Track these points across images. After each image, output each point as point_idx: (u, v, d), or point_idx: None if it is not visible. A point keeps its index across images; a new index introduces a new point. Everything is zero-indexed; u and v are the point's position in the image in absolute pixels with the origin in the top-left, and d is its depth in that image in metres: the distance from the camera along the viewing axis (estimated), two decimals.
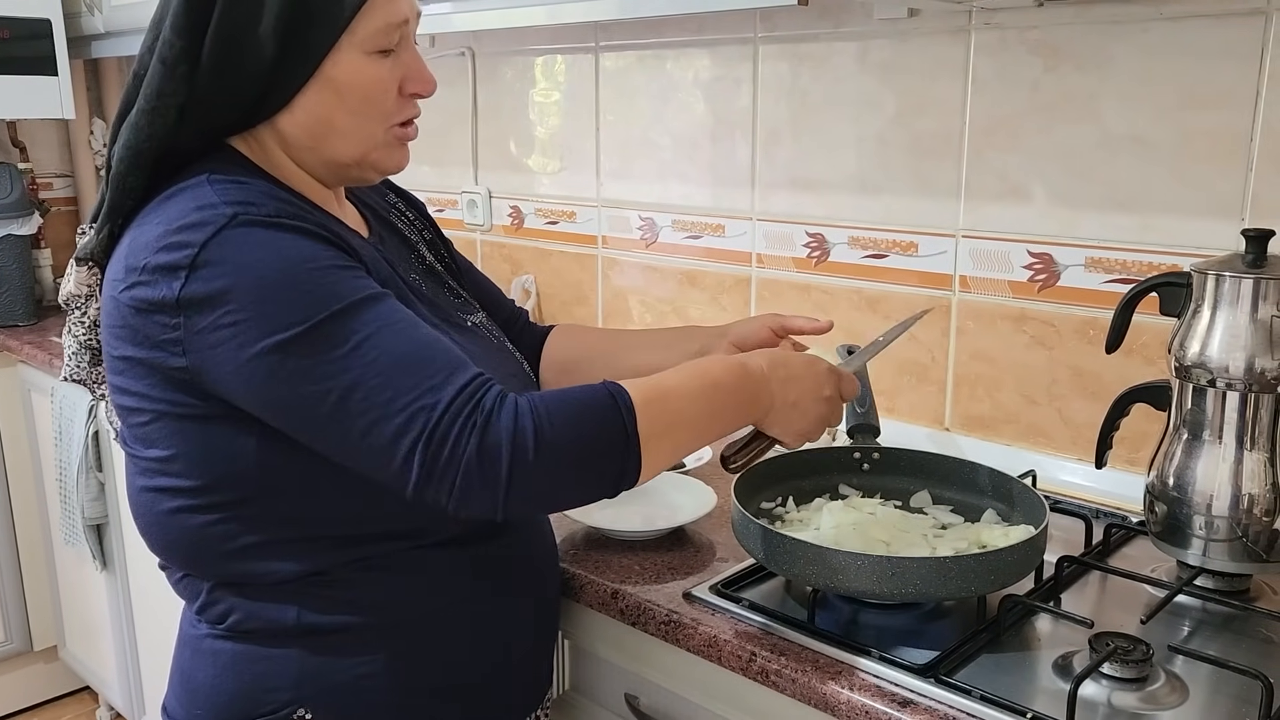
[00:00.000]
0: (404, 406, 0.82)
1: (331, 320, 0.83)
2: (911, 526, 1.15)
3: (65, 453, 2.24)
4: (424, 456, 0.82)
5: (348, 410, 0.83)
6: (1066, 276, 1.40)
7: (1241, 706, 0.91)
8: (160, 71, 0.90)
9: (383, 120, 0.96)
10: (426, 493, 0.83)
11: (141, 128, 0.91)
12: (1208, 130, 1.26)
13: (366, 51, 0.92)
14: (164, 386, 0.88)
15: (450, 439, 0.82)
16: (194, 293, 0.83)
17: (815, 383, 1.01)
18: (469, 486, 0.83)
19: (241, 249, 0.84)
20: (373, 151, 0.97)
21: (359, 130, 0.95)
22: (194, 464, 0.91)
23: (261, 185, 0.91)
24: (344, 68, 0.91)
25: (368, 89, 0.93)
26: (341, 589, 0.95)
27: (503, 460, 0.82)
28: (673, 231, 1.86)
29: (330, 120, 0.93)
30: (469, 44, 2.12)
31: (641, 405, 0.88)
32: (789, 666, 0.98)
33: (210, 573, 0.96)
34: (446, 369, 0.85)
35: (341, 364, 0.83)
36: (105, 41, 2.52)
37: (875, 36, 1.53)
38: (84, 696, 2.72)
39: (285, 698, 0.95)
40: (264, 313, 0.83)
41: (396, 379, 0.83)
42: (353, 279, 0.87)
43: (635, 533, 1.25)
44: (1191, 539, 1.09)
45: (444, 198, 2.27)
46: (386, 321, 0.86)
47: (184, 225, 0.85)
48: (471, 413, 0.83)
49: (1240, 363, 1.05)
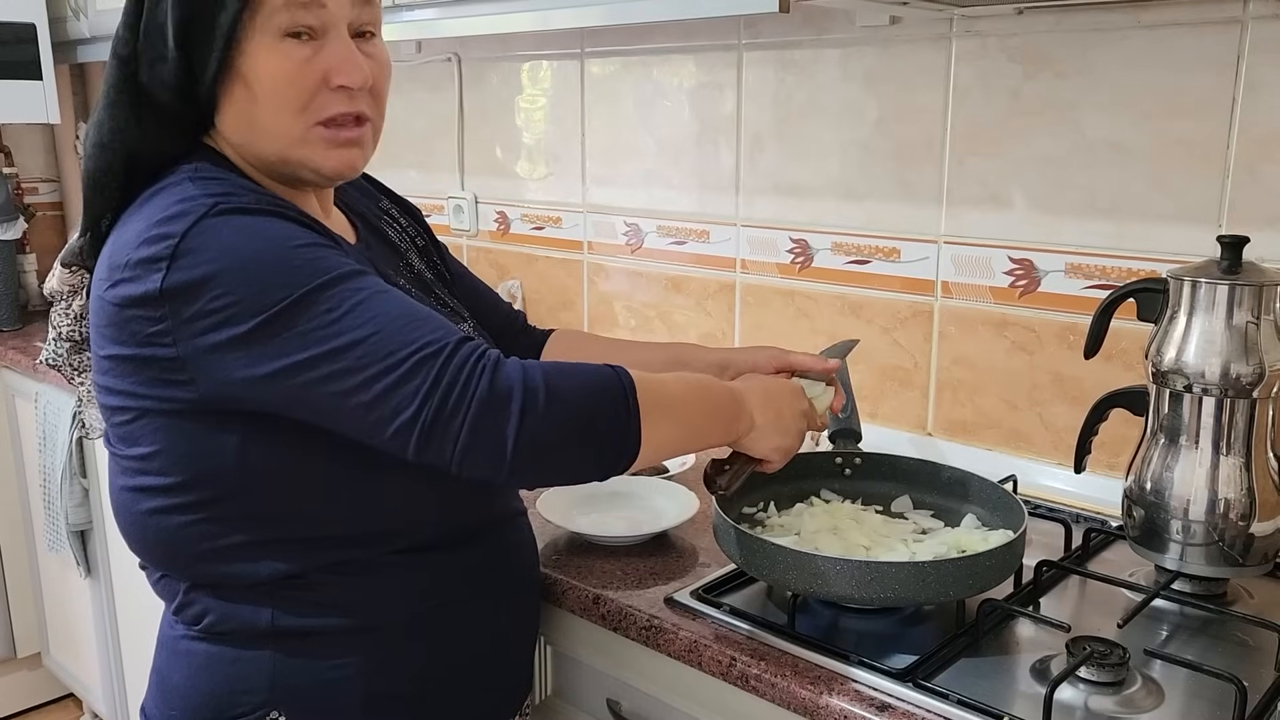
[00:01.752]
0: (407, 357, 0.80)
1: (321, 289, 0.82)
2: (892, 531, 1.16)
3: (49, 458, 2.23)
4: (432, 401, 0.80)
5: (346, 368, 0.81)
6: (1047, 282, 1.41)
7: (1216, 710, 0.92)
8: (113, 66, 0.91)
9: (299, 114, 0.90)
10: (431, 442, 0.81)
11: (103, 123, 0.91)
12: (1185, 138, 1.27)
13: (275, 36, 0.87)
14: (151, 383, 0.87)
15: (460, 381, 0.80)
16: (177, 282, 0.82)
17: (791, 399, 1.04)
18: (478, 429, 0.80)
19: (222, 235, 0.83)
20: (294, 150, 0.91)
21: (275, 126, 0.90)
22: (175, 461, 0.90)
23: (243, 181, 0.91)
24: (250, 57, 0.88)
25: (275, 78, 0.88)
26: (317, 592, 0.95)
27: (514, 403, 0.80)
28: (658, 237, 1.86)
29: (250, 116, 0.90)
30: (455, 49, 2.12)
31: (641, 385, 0.88)
32: (769, 671, 0.98)
33: (187, 574, 0.96)
34: (444, 326, 0.84)
35: (335, 327, 0.81)
36: (91, 46, 2.51)
37: (858, 44, 1.54)
38: (68, 704, 2.70)
39: (258, 700, 0.95)
40: (251, 292, 0.81)
41: (395, 334, 0.81)
42: (337, 255, 0.86)
43: (618, 538, 1.25)
44: (1169, 543, 1.10)
45: (430, 203, 2.27)
46: (377, 289, 0.85)
47: (164, 219, 0.85)
48: (479, 359, 0.82)
49: (1216, 368, 1.06)
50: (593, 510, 1.31)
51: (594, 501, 1.33)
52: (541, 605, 1.18)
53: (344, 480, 0.91)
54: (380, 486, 0.92)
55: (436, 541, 0.99)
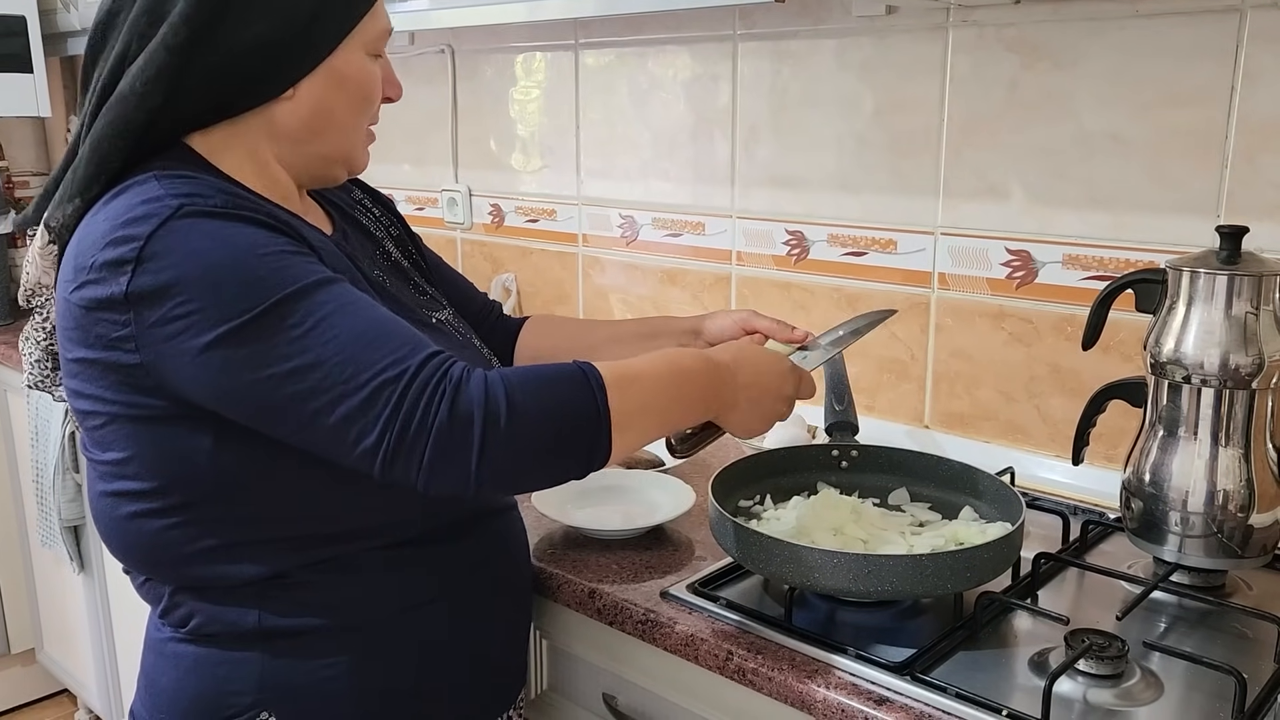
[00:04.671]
0: (367, 381, 0.80)
1: (285, 303, 0.82)
2: (889, 524, 1.15)
3: (42, 453, 2.22)
4: (392, 428, 0.80)
5: (309, 390, 0.81)
6: (1044, 274, 1.41)
7: (1215, 702, 0.91)
8: (161, 52, 0.87)
9: (364, 117, 1.00)
10: (395, 467, 0.81)
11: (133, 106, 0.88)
12: (1183, 127, 1.26)
13: (369, 52, 0.97)
14: (118, 388, 0.87)
15: (420, 407, 0.80)
16: (142, 286, 0.82)
17: (778, 382, 1.03)
18: (440, 457, 0.80)
19: (188, 239, 0.82)
20: (354, 147, 1.01)
21: (352, 125, 0.99)
22: (150, 466, 0.89)
23: (211, 180, 0.89)
24: (351, 63, 0.96)
25: (367, 86, 0.98)
26: (303, 591, 0.94)
27: (475, 428, 0.80)
28: (653, 229, 1.85)
29: (332, 112, 0.96)
30: (448, 41, 2.11)
31: (612, 384, 0.87)
32: (766, 665, 0.98)
33: (171, 577, 0.95)
34: (409, 343, 0.83)
35: (299, 344, 0.81)
36: (81, 38, 2.48)
37: (854, 34, 1.53)
38: (62, 699, 2.70)
39: (247, 701, 0.94)
40: (215, 301, 0.81)
41: (358, 355, 0.81)
42: (304, 264, 0.85)
43: (613, 531, 1.24)
44: (1167, 535, 1.10)
45: (424, 196, 2.26)
46: (342, 302, 0.84)
47: (129, 220, 0.84)
48: (440, 381, 0.81)
49: (1215, 359, 1.05)
50: (588, 504, 1.31)
51: (589, 495, 1.32)
52: (534, 598, 1.17)
53: (323, 480, 0.89)
54: (359, 485, 0.89)
55: (423, 537, 0.98)
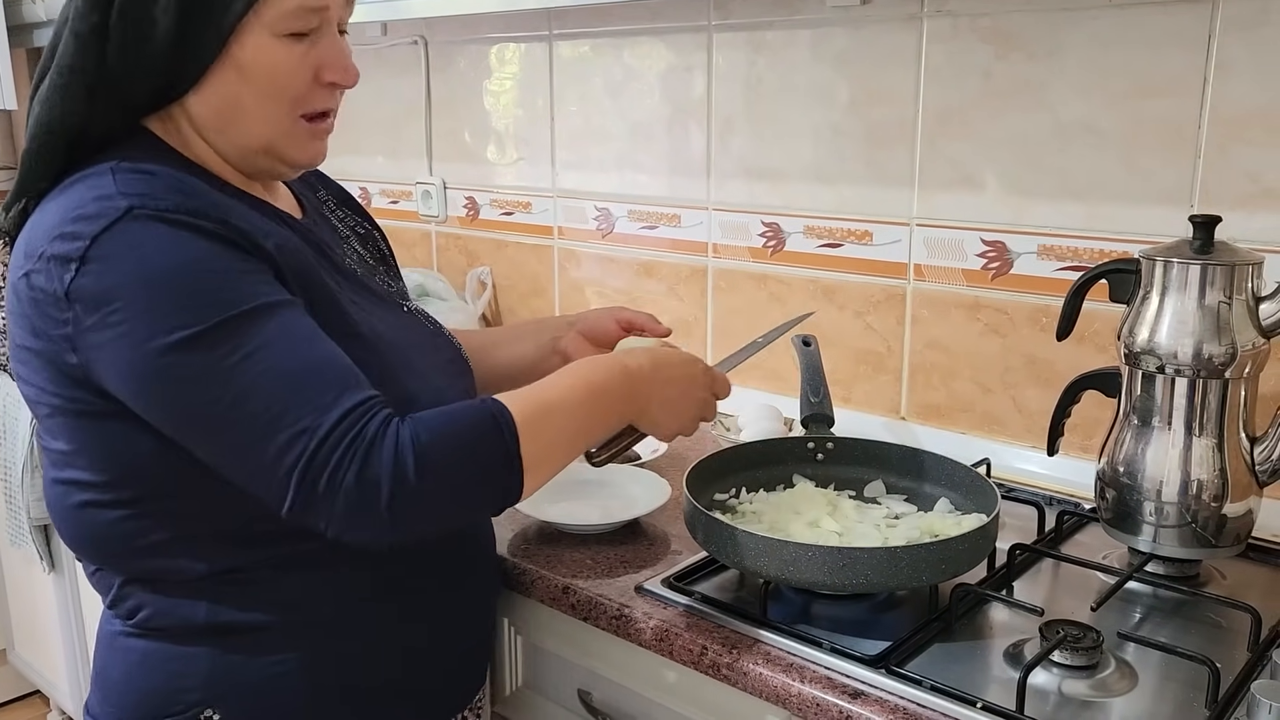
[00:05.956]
0: (287, 426, 0.80)
1: (220, 327, 0.81)
2: (865, 516, 1.14)
3: (9, 451, 2.18)
4: (302, 482, 0.80)
5: (230, 423, 0.81)
6: (1019, 264, 1.40)
7: (1190, 692, 0.91)
8: (73, 45, 0.87)
9: (291, 106, 0.92)
10: (305, 518, 0.82)
11: (55, 104, 0.88)
12: (1157, 118, 1.26)
13: (277, 34, 0.89)
14: (60, 381, 0.86)
15: (329, 466, 0.80)
16: (82, 288, 0.81)
17: (691, 384, 1.05)
18: (348, 516, 0.81)
19: (133, 245, 0.81)
20: (280, 139, 0.93)
21: (266, 114, 0.91)
22: (96, 460, 0.89)
23: (169, 175, 0.87)
24: (250, 49, 0.88)
25: (274, 72, 0.90)
26: (253, 587, 0.93)
27: (382, 493, 0.81)
28: (628, 222, 1.84)
29: (237, 102, 0.90)
30: (421, 32, 2.09)
31: (524, 425, 0.88)
32: (741, 659, 0.97)
33: (121, 568, 0.94)
34: (336, 388, 0.83)
35: (227, 375, 0.80)
36: (47, 30, 2.45)
37: (829, 24, 1.52)
38: (34, 700, 2.66)
39: (194, 698, 0.93)
40: (151, 314, 0.80)
41: (283, 396, 0.81)
42: (250, 284, 0.84)
43: (588, 526, 1.23)
44: (1142, 525, 1.10)
45: (398, 189, 2.24)
46: (279, 332, 0.83)
47: (79, 215, 0.83)
48: (354, 441, 0.81)
49: (1188, 348, 1.05)
50: (563, 499, 1.29)
51: (564, 490, 1.31)
52: (503, 594, 1.16)
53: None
54: None
55: None
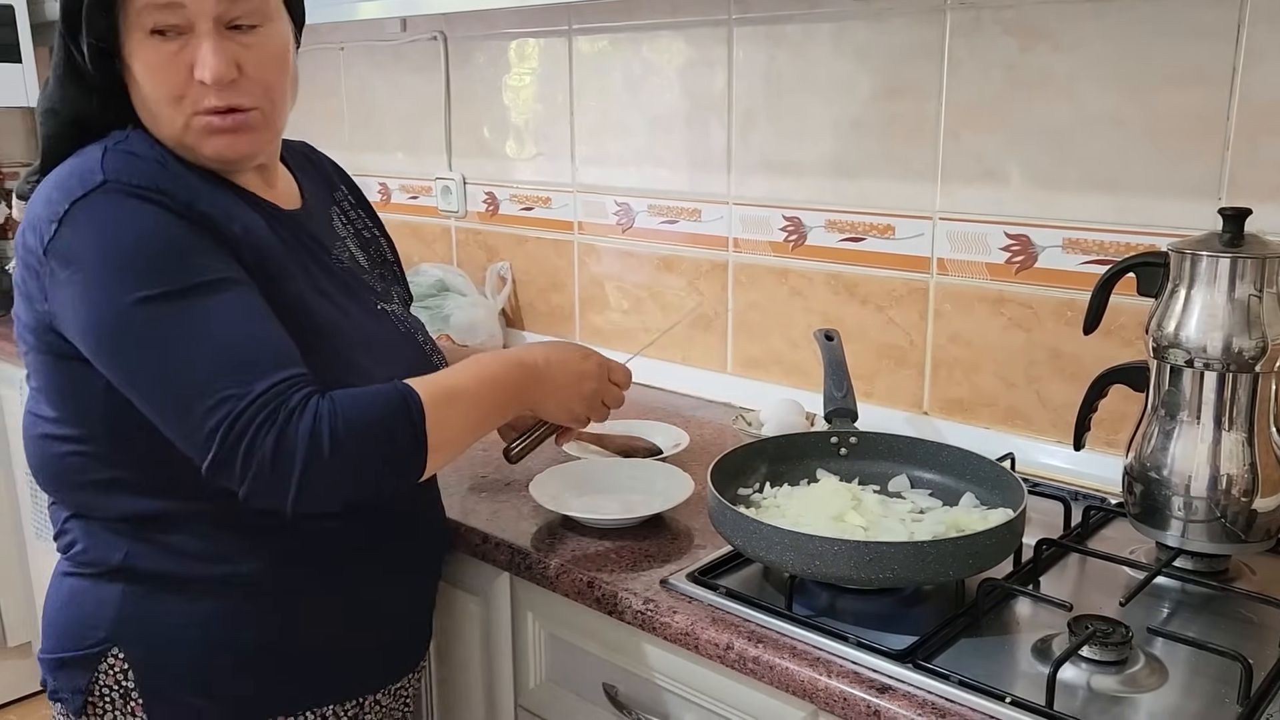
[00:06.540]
0: (216, 391, 0.86)
1: (171, 296, 0.88)
2: (889, 511, 1.14)
3: None
4: (224, 443, 0.86)
5: (167, 382, 0.88)
6: (1044, 258, 1.39)
7: (1220, 687, 0.90)
8: (58, 44, 0.98)
9: (176, 105, 0.96)
10: (219, 477, 0.87)
11: (55, 95, 0.99)
12: (1184, 109, 1.25)
13: (144, 33, 0.94)
14: (36, 324, 0.95)
15: (249, 433, 0.86)
16: (56, 247, 0.90)
17: (583, 376, 1.14)
18: (259, 480, 0.87)
19: (102, 215, 0.89)
20: (184, 135, 0.97)
21: (161, 112, 0.96)
22: (54, 397, 0.97)
23: (152, 158, 0.95)
24: (132, 50, 0.95)
25: (149, 70, 0.95)
26: (175, 536, 0.98)
27: (295, 462, 0.86)
28: (649, 216, 1.84)
29: (143, 103, 0.97)
30: (441, 28, 2.09)
31: (431, 407, 0.94)
32: (767, 654, 0.97)
33: (67, 502, 1.02)
34: (268, 362, 0.89)
35: (170, 339, 0.88)
36: None
37: (850, 18, 1.51)
38: None
39: (102, 635, 0.99)
40: (110, 277, 0.88)
41: (217, 363, 0.88)
42: (205, 262, 0.91)
43: (612, 520, 1.23)
44: (1170, 520, 1.09)
45: (418, 184, 2.24)
46: (224, 307, 0.90)
47: (63, 182, 0.92)
48: (275, 411, 0.87)
49: (1218, 342, 1.04)
50: (586, 493, 1.30)
51: (587, 484, 1.31)
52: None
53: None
54: None
55: None
